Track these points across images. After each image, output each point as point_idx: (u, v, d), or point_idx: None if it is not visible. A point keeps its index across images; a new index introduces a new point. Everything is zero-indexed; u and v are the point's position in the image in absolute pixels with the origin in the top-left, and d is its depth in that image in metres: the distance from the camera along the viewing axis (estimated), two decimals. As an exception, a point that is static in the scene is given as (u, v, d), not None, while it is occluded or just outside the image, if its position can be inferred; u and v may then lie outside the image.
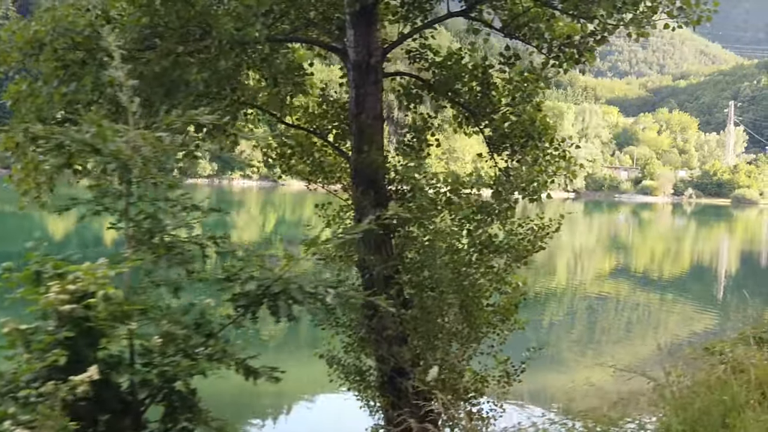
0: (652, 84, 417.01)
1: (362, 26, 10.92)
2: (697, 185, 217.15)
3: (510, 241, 11.17)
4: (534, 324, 36.25)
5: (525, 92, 11.49)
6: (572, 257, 64.43)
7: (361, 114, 10.98)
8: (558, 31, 10.87)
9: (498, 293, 11.15)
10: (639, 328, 36.36)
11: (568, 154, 11.78)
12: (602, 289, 47.16)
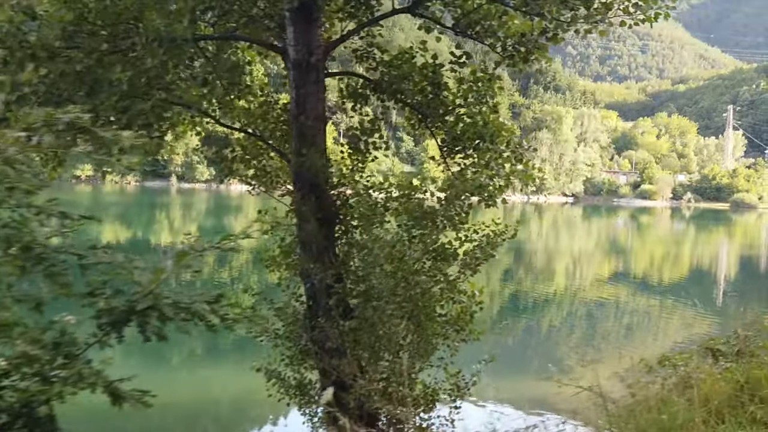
0: (651, 88, 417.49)
1: (302, 23, 10.46)
2: (696, 189, 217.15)
3: (464, 248, 10.70)
4: (531, 328, 35.92)
5: (479, 93, 11.01)
6: (571, 262, 64.17)
7: (302, 115, 10.50)
8: (513, 29, 10.42)
9: (451, 303, 10.69)
10: (638, 333, 36.06)
11: (525, 158, 11.29)
12: (601, 293, 46.83)
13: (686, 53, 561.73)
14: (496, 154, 10.90)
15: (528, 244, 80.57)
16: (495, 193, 10.70)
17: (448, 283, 10.45)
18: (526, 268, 58.39)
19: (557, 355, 28.80)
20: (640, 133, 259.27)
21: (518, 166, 11.00)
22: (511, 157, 11.21)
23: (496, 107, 11.29)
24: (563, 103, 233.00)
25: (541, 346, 31.66)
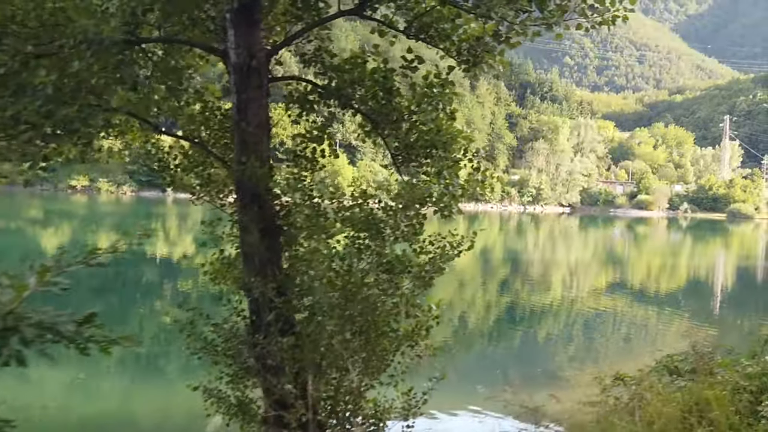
0: (648, 99, 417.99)
1: (243, 26, 10.01)
2: (693, 200, 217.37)
3: (417, 260, 10.24)
4: (529, 339, 35.52)
5: (433, 99, 10.58)
6: (568, 272, 63.87)
7: (243, 121, 10.07)
8: (470, 32, 10.00)
9: (406, 317, 10.24)
10: (636, 343, 35.73)
11: (483, 167, 10.84)
12: (599, 304, 46.55)
13: (683, 64, 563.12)
14: (449, 162, 10.46)
15: (525, 254, 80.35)
16: (450, 203, 10.22)
17: (401, 296, 9.99)
18: (522, 278, 58.14)
19: (549, 365, 28.41)
20: (637, 144, 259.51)
21: (478, 175, 10.53)
22: (468, 166, 10.76)
23: (453, 114, 10.83)
24: (560, 114, 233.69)
25: (532, 357, 31.24)
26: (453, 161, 10.46)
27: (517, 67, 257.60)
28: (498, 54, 10.15)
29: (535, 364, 29.26)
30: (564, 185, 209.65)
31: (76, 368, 22.86)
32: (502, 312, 42.66)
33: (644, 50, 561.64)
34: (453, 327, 36.48)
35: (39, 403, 20.34)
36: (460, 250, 10.40)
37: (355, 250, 9.99)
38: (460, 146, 10.71)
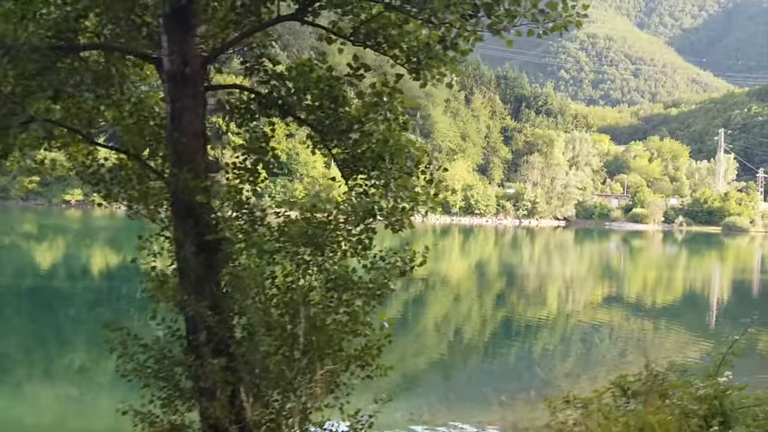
0: (643, 112, 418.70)
1: (176, 31, 9.54)
2: (688, 213, 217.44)
3: (369, 277, 9.74)
4: (525, 353, 35.08)
5: (381, 108, 10.10)
6: (564, 286, 63.55)
7: (176, 131, 9.57)
8: (420, 39, 9.55)
9: (354, 336, 9.73)
10: (633, 356, 35.29)
11: (437, 179, 10.32)
12: (595, 317, 46.27)
13: (678, 77, 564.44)
14: (395, 174, 9.94)
15: (520, 268, 80.00)
16: (401, 217, 9.72)
17: (349, 315, 9.49)
18: (518, 292, 57.79)
19: (534, 382, 27.90)
20: (632, 157, 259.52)
21: (434, 188, 10.05)
22: (421, 178, 10.26)
23: (406, 124, 10.34)
24: (555, 127, 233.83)
25: (521, 373, 30.78)
26: (401, 173, 9.98)
27: (512, 81, 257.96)
28: (450, 61, 9.73)
29: (523, 380, 28.79)
30: (559, 198, 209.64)
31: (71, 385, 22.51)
32: (496, 326, 42.26)
33: (639, 64, 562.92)
34: (448, 341, 36.13)
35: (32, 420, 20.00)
36: (413, 266, 9.92)
37: (295, 266, 9.50)
38: (414, 158, 10.24)
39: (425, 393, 25.50)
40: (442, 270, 70.69)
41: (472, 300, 51.48)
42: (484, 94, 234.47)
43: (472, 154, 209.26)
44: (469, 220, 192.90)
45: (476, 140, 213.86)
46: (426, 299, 50.65)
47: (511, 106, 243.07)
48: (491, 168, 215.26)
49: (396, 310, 44.07)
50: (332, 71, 10.30)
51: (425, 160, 10.50)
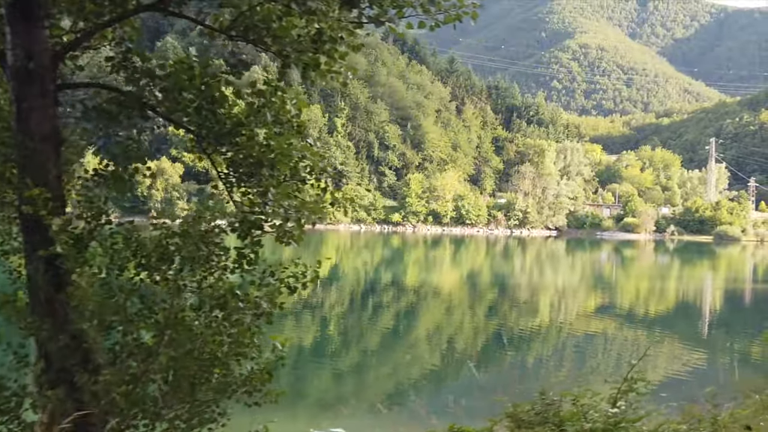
0: (635, 122, 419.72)
1: (20, 22, 8.71)
2: (680, 222, 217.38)
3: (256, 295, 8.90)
4: (519, 363, 34.60)
5: (267, 109, 9.32)
6: (556, 296, 63.14)
7: (23, 134, 8.66)
8: (305, 32, 8.83)
9: (238, 359, 8.89)
10: (627, 366, 34.81)
11: (330, 188, 9.48)
12: (588, 327, 45.84)
13: (671, 87, 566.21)
14: (273, 182, 9.06)
15: (512, 278, 79.55)
16: (290, 228, 8.93)
17: (231, 336, 8.61)
18: (510, 302, 57.36)
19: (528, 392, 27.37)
20: (624, 167, 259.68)
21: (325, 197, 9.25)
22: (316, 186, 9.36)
23: (301, 127, 9.46)
24: (546, 137, 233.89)
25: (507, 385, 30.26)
26: (290, 181, 9.14)
27: (504, 91, 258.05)
28: (340, 57, 8.99)
29: (515, 392, 28.25)
30: (550, 208, 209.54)
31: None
32: (488, 337, 41.80)
33: (632, 74, 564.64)
34: (440, 352, 35.73)
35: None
36: (305, 282, 9.09)
37: (164, 282, 8.60)
38: (304, 164, 9.37)
39: (416, 404, 25.03)
40: (433, 280, 70.29)
41: (463, 310, 51.06)
42: (476, 104, 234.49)
43: (463, 164, 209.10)
44: (461, 230, 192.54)
45: (467, 150, 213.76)
46: (417, 310, 50.25)
47: (503, 116, 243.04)
48: (482, 178, 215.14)
49: (388, 321, 43.69)
50: (207, 67, 9.42)
51: (320, 167, 9.59)
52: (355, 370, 30.07)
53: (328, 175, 9.20)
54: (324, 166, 9.36)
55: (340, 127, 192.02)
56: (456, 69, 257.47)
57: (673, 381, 30.79)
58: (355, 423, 22.03)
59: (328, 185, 9.37)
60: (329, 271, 76.83)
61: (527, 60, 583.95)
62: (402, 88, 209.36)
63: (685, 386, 28.15)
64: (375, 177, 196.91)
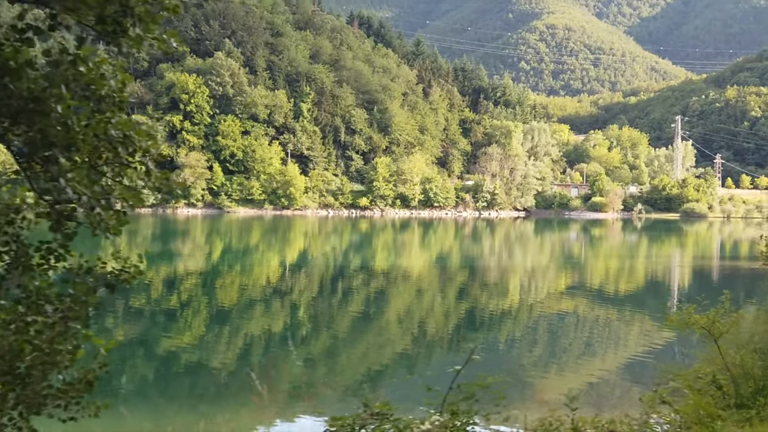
0: (603, 101, 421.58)
1: None
2: (647, 200, 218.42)
3: (70, 293, 7.73)
4: (491, 344, 34.09)
5: (75, 81, 8.07)
6: (526, 276, 62.76)
7: None
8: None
9: (45, 365, 7.76)
10: (599, 345, 34.66)
11: (155, 171, 7.89)
12: (559, 306, 45.53)
13: (638, 66, 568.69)
14: (67, 165, 7.74)
15: (482, 260, 79.13)
16: (104, 216, 7.64)
17: (36, 343, 7.44)
18: (480, 284, 56.89)
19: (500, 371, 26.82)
20: (592, 146, 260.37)
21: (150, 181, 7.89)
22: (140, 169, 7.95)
23: (122, 102, 8.01)
24: (513, 118, 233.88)
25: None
26: (75, 165, 7.82)
27: (470, 73, 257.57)
28: (151, 21, 7.76)
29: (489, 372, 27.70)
30: (518, 189, 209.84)
31: None
32: (460, 318, 41.25)
33: (599, 54, 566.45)
34: (411, 335, 35.24)
35: None
36: (125, 278, 7.91)
37: None
38: (133, 144, 8.10)
39: (389, 387, 24.55)
40: (402, 264, 69.80)
41: (433, 293, 50.55)
42: (442, 87, 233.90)
43: (430, 146, 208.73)
44: (429, 213, 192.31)
45: (435, 133, 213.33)
46: (387, 294, 49.69)
47: (470, 98, 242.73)
48: (450, 160, 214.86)
49: (358, 306, 43.12)
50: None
51: (148, 147, 8.16)
52: (326, 355, 29.52)
53: (152, 157, 7.88)
54: (147, 147, 7.92)
55: (306, 112, 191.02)
56: (422, 52, 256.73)
57: (643, 359, 30.47)
58: (327, 407, 21.53)
59: (150, 168, 7.96)
60: (297, 256, 76.22)
61: (495, 41, 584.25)
62: (368, 72, 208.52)
63: (650, 366, 27.77)
64: (342, 161, 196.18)
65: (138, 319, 36.11)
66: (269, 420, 20.38)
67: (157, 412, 21.17)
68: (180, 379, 25.15)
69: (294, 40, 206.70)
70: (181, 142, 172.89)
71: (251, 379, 7.02)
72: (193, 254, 73.85)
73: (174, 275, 54.75)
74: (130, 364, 26.35)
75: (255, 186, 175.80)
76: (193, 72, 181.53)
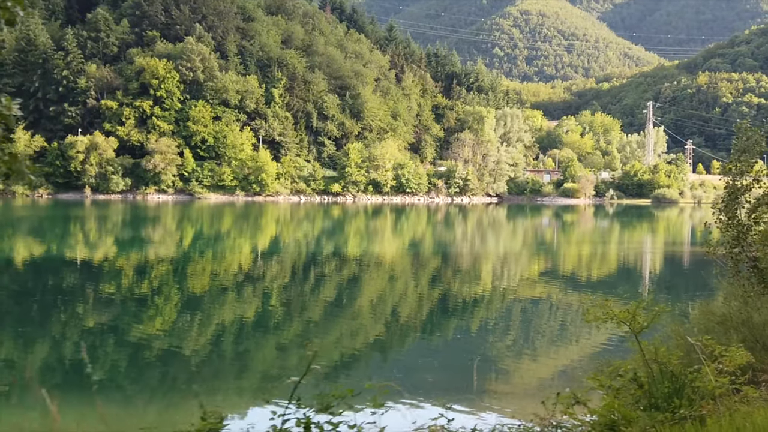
0: (576, 87, 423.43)
1: None
2: (619, 186, 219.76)
3: None
4: (464, 330, 33.93)
5: None
6: (499, 262, 62.66)
7: None
8: None
9: None
10: (572, 330, 34.51)
11: None
12: (533, 292, 45.31)
13: (611, 52, 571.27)
14: None
15: (454, 246, 79.04)
16: None
17: None
18: (453, 270, 56.72)
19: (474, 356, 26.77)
20: (565, 132, 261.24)
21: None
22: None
23: None
24: (487, 104, 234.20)
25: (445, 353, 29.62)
26: None
27: (443, 59, 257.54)
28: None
29: (463, 357, 27.66)
30: (491, 175, 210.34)
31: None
32: (433, 304, 41.03)
33: (572, 40, 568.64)
34: (385, 321, 35.05)
35: None
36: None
37: None
38: None
39: (363, 373, 24.39)
40: (375, 250, 69.55)
41: (406, 279, 50.33)
42: (415, 73, 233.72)
43: (403, 132, 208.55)
44: (401, 199, 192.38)
45: (407, 119, 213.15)
46: (360, 280, 49.45)
47: (443, 83, 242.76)
48: (423, 146, 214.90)
49: (330, 292, 42.87)
50: None
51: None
52: (298, 342, 29.25)
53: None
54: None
55: (277, 97, 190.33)
56: (395, 37, 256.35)
57: (616, 345, 30.42)
58: (300, 394, 21.32)
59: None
60: (269, 243, 75.83)
61: (469, 27, 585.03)
62: (340, 57, 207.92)
63: (616, 353, 27.71)
64: (314, 147, 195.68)
65: (108, 307, 35.73)
66: (241, 407, 20.21)
67: (129, 399, 20.93)
68: (152, 366, 24.91)
69: (265, 25, 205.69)
70: (152, 128, 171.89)
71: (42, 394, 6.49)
72: (164, 241, 73.26)
73: (145, 262, 54.31)
74: (101, 351, 26.07)
75: (226, 172, 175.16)
76: (164, 57, 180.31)
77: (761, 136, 17.11)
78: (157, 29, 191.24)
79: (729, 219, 16.91)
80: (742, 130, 17.25)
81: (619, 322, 11.39)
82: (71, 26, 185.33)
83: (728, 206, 17.00)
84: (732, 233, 16.82)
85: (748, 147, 17.18)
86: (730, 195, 17.07)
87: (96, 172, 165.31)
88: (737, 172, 17.28)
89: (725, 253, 17.12)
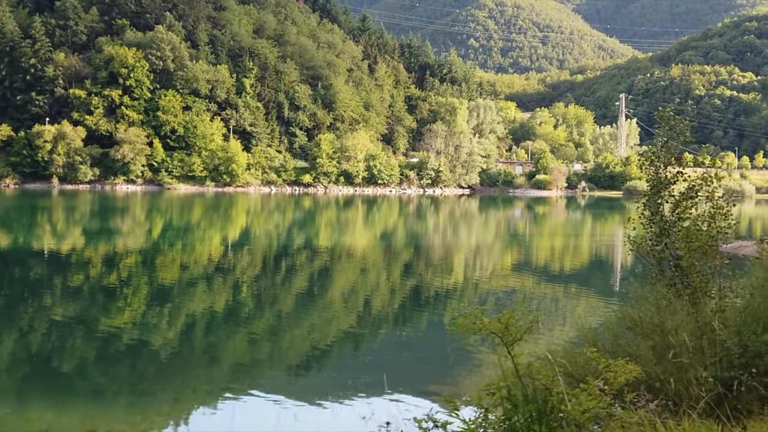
0: (550, 79, 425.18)
1: None
2: (591, 178, 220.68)
3: None
4: (437, 322, 33.75)
5: None
6: (471, 254, 62.50)
7: None
8: None
9: None
10: (549, 320, 34.50)
11: None
12: (506, 283, 45.12)
13: (585, 44, 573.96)
14: None
15: (426, 238, 78.84)
16: None
17: None
18: (426, 261, 56.49)
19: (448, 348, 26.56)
20: (538, 124, 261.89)
21: None
22: None
23: None
24: (460, 95, 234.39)
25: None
26: None
27: (416, 50, 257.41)
28: None
29: (437, 349, 27.48)
30: (463, 167, 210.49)
31: None
32: (405, 296, 40.77)
33: (547, 31, 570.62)
34: (357, 313, 34.83)
35: None
36: None
37: None
38: None
39: (334, 366, 24.19)
40: (346, 242, 69.26)
41: (378, 271, 50.02)
42: (388, 63, 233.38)
43: (375, 123, 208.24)
44: (373, 190, 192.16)
45: (380, 110, 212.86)
46: (331, 272, 49.12)
47: (416, 74, 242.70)
48: (395, 137, 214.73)
49: (302, 284, 42.57)
50: None
51: None
52: (269, 334, 28.94)
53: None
54: None
55: (248, 87, 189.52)
56: (368, 27, 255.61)
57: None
58: (272, 385, 21.23)
59: None
60: (240, 234, 75.38)
61: (444, 18, 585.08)
62: (312, 48, 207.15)
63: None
64: (285, 138, 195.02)
65: (76, 298, 35.26)
66: (212, 400, 19.94)
67: (98, 392, 20.57)
68: (120, 359, 24.51)
69: (237, 14, 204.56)
70: (120, 117, 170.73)
71: None
72: (133, 231, 72.58)
73: (113, 253, 53.67)
74: (70, 344, 25.68)
75: (196, 162, 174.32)
76: (133, 46, 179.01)
77: (686, 125, 16.49)
78: (126, 17, 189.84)
79: (652, 214, 16.06)
80: (665, 119, 16.53)
81: (489, 333, 9.70)
82: (39, 14, 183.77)
83: (650, 201, 16.20)
84: (655, 230, 15.97)
85: (672, 137, 16.52)
86: (652, 189, 16.24)
87: (64, 162, 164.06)
88: (660, 164, 16.55)
89: (648, 251, 16.26)
